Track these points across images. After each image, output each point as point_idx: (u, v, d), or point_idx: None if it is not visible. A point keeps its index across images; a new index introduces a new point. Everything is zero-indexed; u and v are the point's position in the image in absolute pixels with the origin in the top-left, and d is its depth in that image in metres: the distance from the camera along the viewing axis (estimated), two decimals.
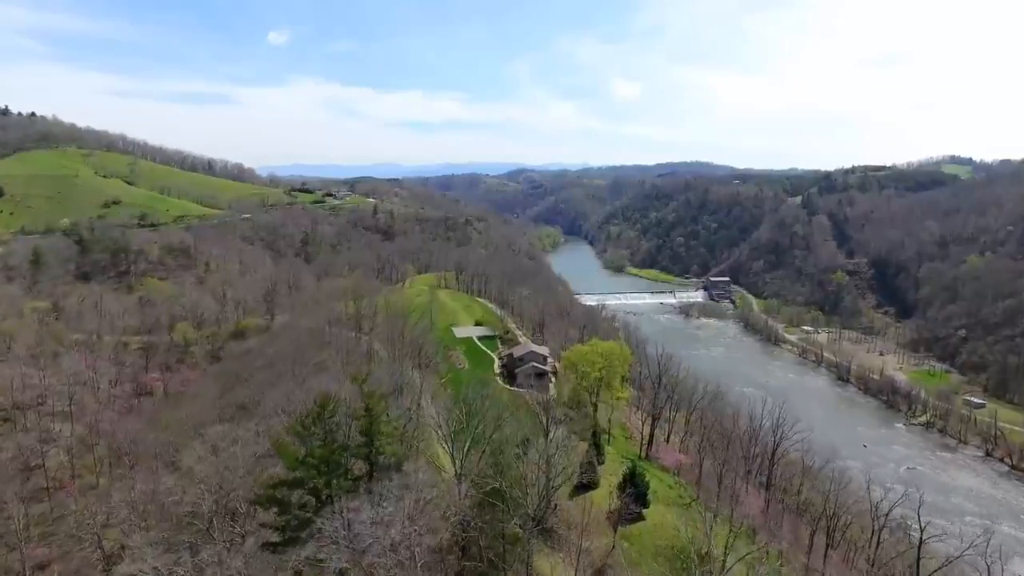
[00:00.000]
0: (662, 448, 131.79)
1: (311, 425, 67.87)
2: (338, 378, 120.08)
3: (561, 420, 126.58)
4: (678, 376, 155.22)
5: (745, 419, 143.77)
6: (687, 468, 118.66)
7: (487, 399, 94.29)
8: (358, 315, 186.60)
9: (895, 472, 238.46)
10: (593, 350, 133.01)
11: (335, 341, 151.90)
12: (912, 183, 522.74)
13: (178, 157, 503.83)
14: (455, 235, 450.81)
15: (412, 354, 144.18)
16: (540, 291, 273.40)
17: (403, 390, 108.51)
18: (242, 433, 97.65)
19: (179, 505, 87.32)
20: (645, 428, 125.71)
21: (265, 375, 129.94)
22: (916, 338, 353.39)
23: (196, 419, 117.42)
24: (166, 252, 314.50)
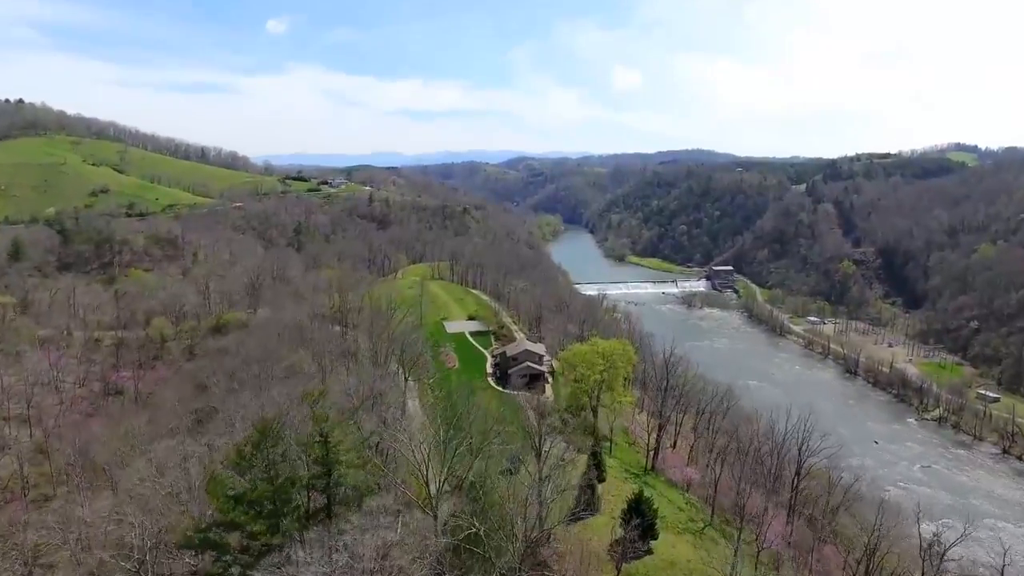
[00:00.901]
0: (669, 457, 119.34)
1: (249, 456, 55.20)
2: (308, 384, 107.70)
3: (558, 428, 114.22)
4: (686, 375, 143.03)
5: (762, 426, 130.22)
6: (697, 482, 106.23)
7: (472, 414, 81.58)
8: (343, 310, 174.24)
9: (908, 471, 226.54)
10: (593, 350, 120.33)
11: (314, 339, 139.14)
12: (919, 170, 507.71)
13: (170, 145, 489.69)
14: (452, 224, 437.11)
15: (398, 352, 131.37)
16: (538, 282, 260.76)
17: (380, 398, 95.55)
18: (197, 448, 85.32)
19: (115, 533, 74.59)
20: (650, 435, 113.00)
21: (235, 377, 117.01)
22: (925, 329, 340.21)
23: (152, 428, 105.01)
24: (152, 242, 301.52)
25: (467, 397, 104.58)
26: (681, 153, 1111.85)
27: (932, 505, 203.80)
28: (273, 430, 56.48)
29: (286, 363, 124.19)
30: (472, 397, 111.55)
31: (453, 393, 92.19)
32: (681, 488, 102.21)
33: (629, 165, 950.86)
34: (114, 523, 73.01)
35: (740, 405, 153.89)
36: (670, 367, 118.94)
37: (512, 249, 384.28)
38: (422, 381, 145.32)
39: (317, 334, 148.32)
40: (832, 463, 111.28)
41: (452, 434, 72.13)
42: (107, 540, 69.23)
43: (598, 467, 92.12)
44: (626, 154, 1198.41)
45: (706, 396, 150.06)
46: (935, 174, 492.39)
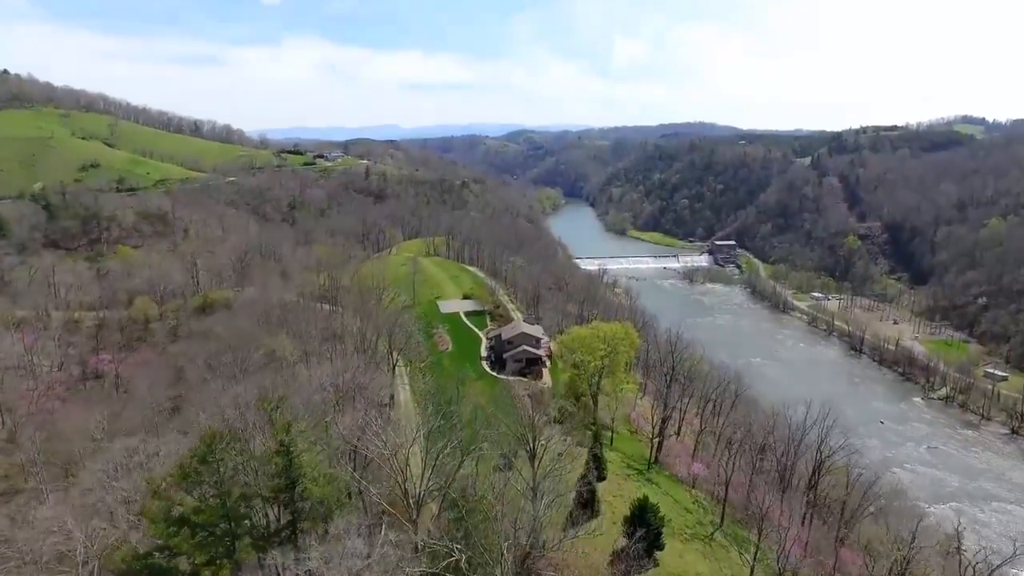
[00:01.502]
0: (674, 446, 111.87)
1: (193, 473, 47.27)
2: (285, 372, 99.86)
3: (556, 418, 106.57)
4: (692, 358, 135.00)
5: (777, 419, 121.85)
6: (704, 477, 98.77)
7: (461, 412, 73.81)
8: (332, 288, 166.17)
9: (915, 452, 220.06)
10: (594, 334, 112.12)
11: (298, 320, 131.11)
12: (927, 143, 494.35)
13: (162, 118, 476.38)
14: (450, 198, 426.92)
15: (387, 336, 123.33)
16: (537, 258, 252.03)
17: (360, 391, 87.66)
18: (162, 447, 77.67)
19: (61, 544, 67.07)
20: (655, 426, 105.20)
21: (211, 364, 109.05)
22: (932, 306, 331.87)
23: (122, 420, 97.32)
24: (142, 218, 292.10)
25: (456, 392, 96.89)
26: (683, 126, 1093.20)
27: (940, 488, 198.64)
28: (224, 440, 48.55)
29: (265, 349, 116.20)
30: (463, 388, 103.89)
31: (442, 390, 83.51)
32: (687, 485, 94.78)
33: (630, 138, 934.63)
34: (61, 534, 65.11)
35: (751, 393, 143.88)
36: (676, 352, 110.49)
37: (511, 224, 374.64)
38: (414, 364, 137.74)
39: (301, 316, 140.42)
40: (852, 460, 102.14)
41: (438, 436, 64.05)
42: (48, 552, 61.49)
43: (598, 465, 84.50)
44: (627, 127, 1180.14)
45: (712, 381, 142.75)
46: (943, 147, 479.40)
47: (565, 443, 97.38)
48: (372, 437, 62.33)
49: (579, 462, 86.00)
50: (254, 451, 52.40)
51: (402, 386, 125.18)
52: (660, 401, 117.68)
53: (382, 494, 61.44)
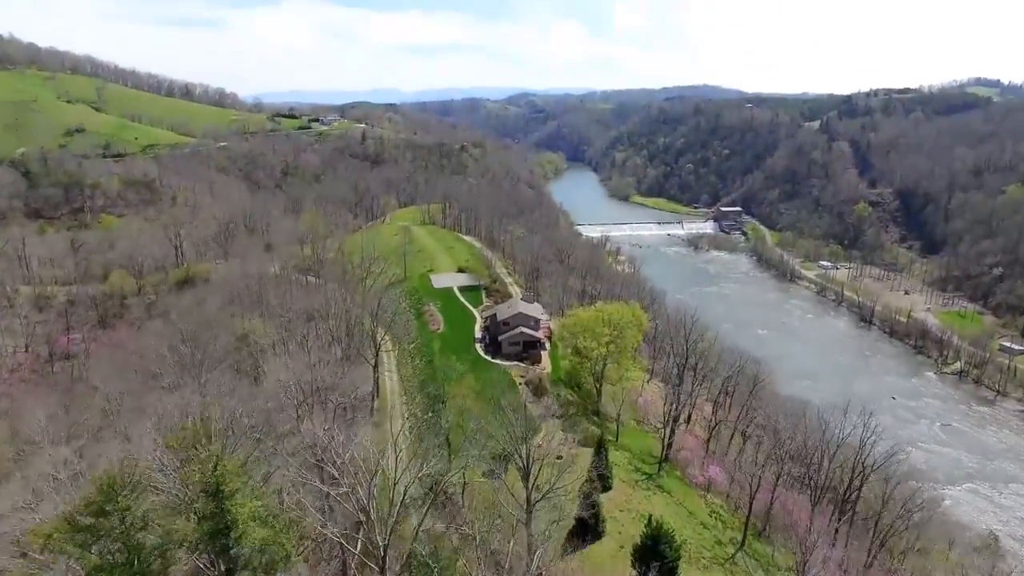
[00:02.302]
0: (685, 440, 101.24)
1: (87, 529, 36.34)
2: (247, 367, 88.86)
3: (556, 413, 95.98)
4: (705, 340, 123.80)
5: (799, 417, 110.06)
6: (722, 481, 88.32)
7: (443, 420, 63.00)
8: (316, 262, 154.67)
9: (929, 430, 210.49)
10: (598, 317, 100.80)
11: (277, 297, 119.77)
12: (941, 106, 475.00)
13: (152, 81, 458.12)
14: (449, 163, 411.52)
15: (372, 316, 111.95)
16: (537, 227, 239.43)
17: (329, 392, 76.60)
18: (103, 456, 66.97)
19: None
20: (665, 425, 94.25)
21: (173, 352, 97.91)
22: (944, 276, 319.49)
23: (71, 418, 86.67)
24: (127, 186, 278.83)
25: (441, 392, 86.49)
26: (687, 89, 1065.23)
27: (957, 469, 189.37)
28: (128, 485, 37.66)
29: (237, 332, 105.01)
30: (448, 387, 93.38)
31: (427, 393, 72.57)
32: (702, 490, 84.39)
33: (634, 101, 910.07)
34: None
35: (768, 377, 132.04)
36: (690, 340, 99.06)
37: (511, 190, 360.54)
38: (402, 346, 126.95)
39: (281, 292, 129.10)
40: (891, 470, 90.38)
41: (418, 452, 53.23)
42: None
43: (601, 475, 73.85)
44: (631, 90, 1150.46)
45: (726, 365, 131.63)
46: (958, 110, 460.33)
47: (565, 442, 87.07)
48: (334, 458, 51.28)
49: (581, 463, 75.56)
50: (175, 490, 41.54)
51: (388, 373, 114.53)
52: (670, 389, 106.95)
53: (349, 528, 50.71)
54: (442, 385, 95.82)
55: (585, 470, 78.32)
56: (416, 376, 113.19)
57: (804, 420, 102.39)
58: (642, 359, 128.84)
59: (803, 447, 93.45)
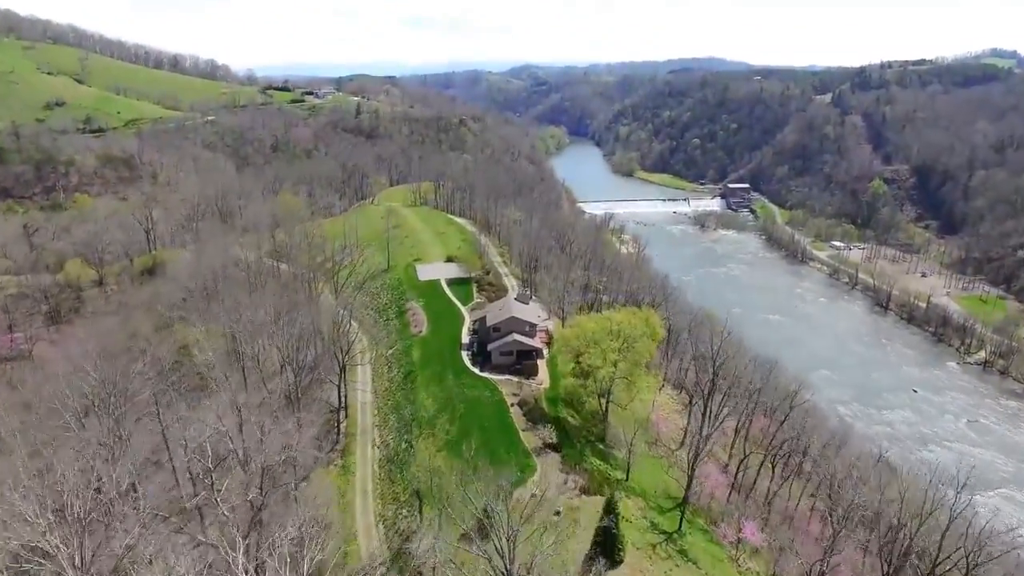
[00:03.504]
0: (708, 474, 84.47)
1: None
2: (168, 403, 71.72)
3: (554, 443, 79.18)
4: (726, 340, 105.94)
5: (860, 462, 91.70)
6: (758, 539, 71.48)
7: None
8: (287, 250, 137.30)
9: (954, 427, 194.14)
10: (605, 327, 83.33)
11: (234, 295, 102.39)
12: (959, 78, 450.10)
13: (139, 52, 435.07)
14: (447, 138, 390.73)
15: (339, 321, 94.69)
16: (537, 208, 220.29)
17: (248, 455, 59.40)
18: None
19: None
20: (686, 437, 77.57)
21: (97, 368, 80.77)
22: (964, 257, 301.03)
23: None
24: (104, 163, 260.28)
25: (407, 447, 69.72)
26: (692, 61, 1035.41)
27: (987, 472, 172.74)
28: None
29: (178, 343, 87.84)
30: (417, 430, 76.65)
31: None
32: (733, 551, 67.68)
33: (638, 74, 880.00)
34: None
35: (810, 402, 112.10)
36: (718, 358, 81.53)
37: (510, 167, 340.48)
38: (379, 350, 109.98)
39: (238, 290, 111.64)
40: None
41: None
42: None
43: (609, 541, 57.15)
44: (635, 62, 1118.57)
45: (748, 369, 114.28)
46: (977, 82, 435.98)
47: (565, 488, 70.42)
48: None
49: (585, 517, 58.91)
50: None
51: (362, 388, 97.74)
52: (691, 411, 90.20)
53: None
54: (410, 427, 79.48)
55: (590, 531, 61.80)
56: (392, 392, 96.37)
57: (863, 463, 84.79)
58: (656, 373, 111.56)
59: (873, 505, 74.74)
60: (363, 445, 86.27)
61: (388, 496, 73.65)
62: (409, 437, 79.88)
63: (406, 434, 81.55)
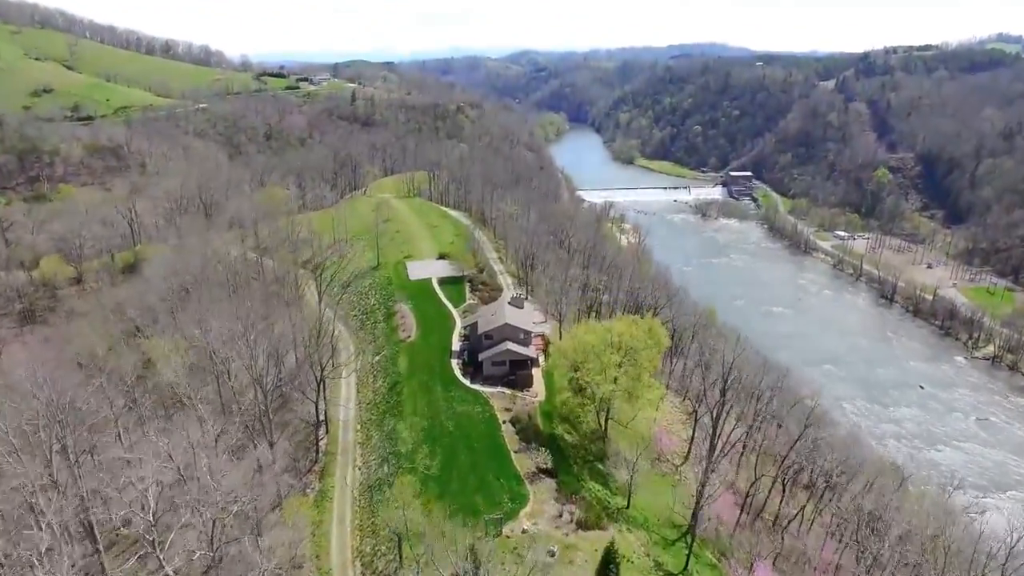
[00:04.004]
0: (719, 500, 77.22)
1: None
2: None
3: (549, 467, 72.24)
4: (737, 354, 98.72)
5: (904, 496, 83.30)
6: None
7: None
8: (272, 244, 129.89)
9: (963, 425, 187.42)
10: (605, 339, 76.02)
11: (209, 299, 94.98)
12: (964, 64, 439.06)
13: (131, 38, 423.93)
14: (444, 125, 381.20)
15: (316, 335, 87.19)
16: (536, 198, 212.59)
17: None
18: None
19: None
20: (698, 493, 70.52)
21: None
22: (971, 248, 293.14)
23: None
24: (91, 152, 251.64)
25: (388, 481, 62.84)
26: (693, 47, 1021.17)
27: (1000, 474, 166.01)
28: None
29: (144, 356, 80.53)
30: (400, 473, 69.50)
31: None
32: None
33: (639, 59, 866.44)
34: None
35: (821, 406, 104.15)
36: (728, 373, 74.23)
37: (509, 155, 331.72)
38: (366, 356, 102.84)
39: (220, 289, 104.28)
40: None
41: None
42: None
43: None
44: (635, 48, 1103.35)
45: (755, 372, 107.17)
46: (984, 67, 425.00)
47: (561, 520, 63.47)
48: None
49: (581, 556, 51.99)
50: None
51: (345, 402, 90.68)
52: (698, 425, 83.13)
53: None
54: (394, 449, 72.54)
55: (588, 573, 54.91)
56: (376, 404, 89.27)
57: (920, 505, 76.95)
58: (661, 386, 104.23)
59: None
60: (343, 466, 79.34)
61: (367, 528, 66.79)
62: (391, 463, 72.81)
63: (389, 456, 74.54)
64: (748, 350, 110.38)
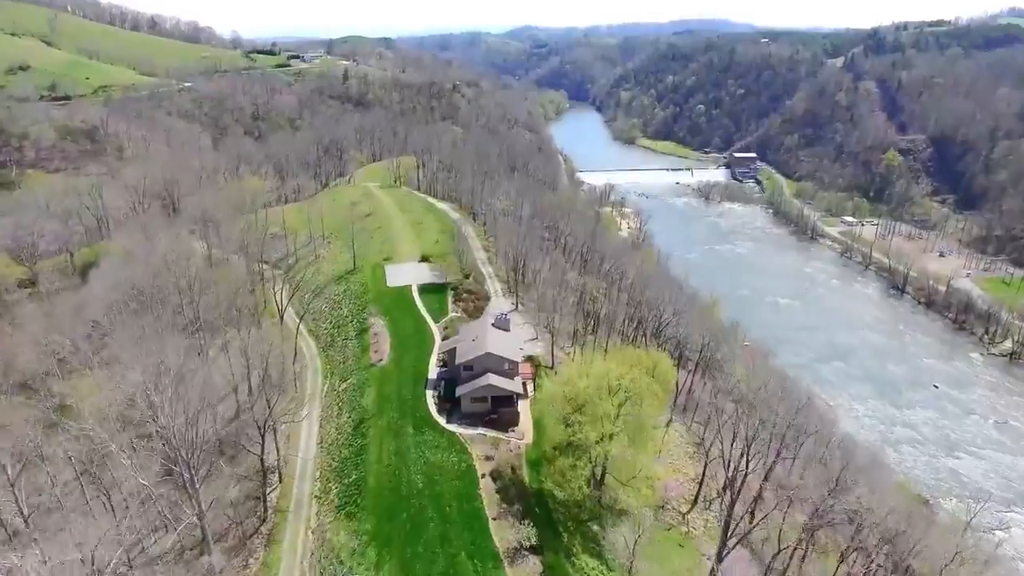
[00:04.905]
0: (739, 566, 64.61)
1: None
2: None
3: (532, 542, 59.13)
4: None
5: None
6: None
7: None
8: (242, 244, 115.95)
9: (982, 429, 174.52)
10: (602, 383, 62.35)
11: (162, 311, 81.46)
12: (980, 40, 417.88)
13: (115, 12, 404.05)
14: (439, 105, 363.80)
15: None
16: (531, 188, 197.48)
17: None
18: None
19: None
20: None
21: None
22: (985, 235, 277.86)
23: None
24: (64, 135, 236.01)
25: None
26: (695, 23, 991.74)
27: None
28: None
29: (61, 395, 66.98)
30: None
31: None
32: None
33: (641, 35, 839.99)
34: None
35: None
36: (752, 445, 60.68)
37: (506, 135, 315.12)
38: (331, 382, 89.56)
39: (166, 306, 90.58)
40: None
41: None
42: None
43: None
44: (637, 24, 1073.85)
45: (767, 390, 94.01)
46: (999, 43, 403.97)
47: None
48: None
49: None
50: None
51: (306, 435, 77.60)
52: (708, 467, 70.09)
53: None
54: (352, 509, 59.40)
55: None
56: (338, 447, 76.12)
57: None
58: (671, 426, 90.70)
59: None
60: (295, 527, 66.50)
61: None
62: (347, 533, 59.83)
63: (343, 517, 61.63)
64: (770, 373, 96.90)
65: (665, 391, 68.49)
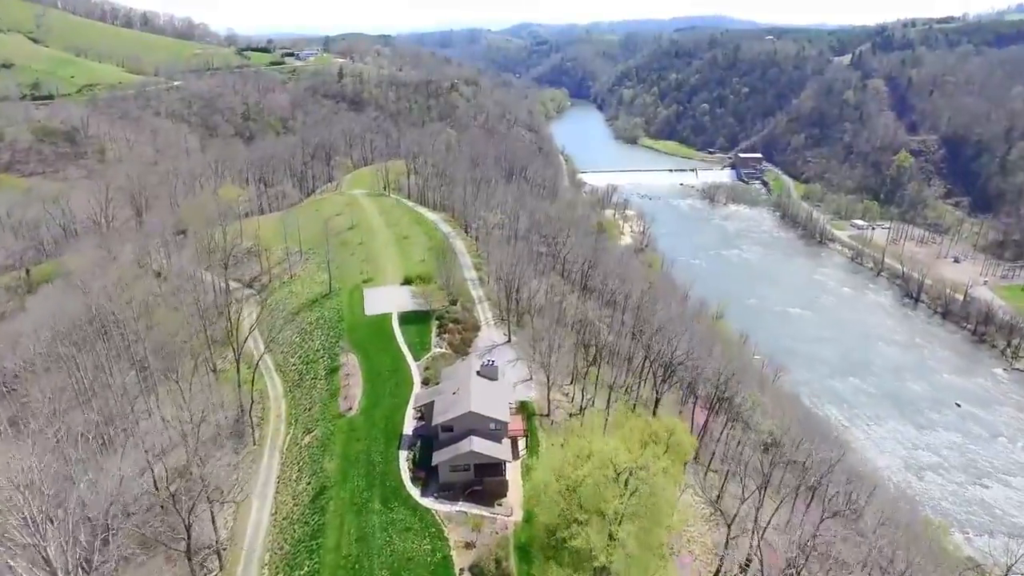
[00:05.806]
0: None
1: None
2: None
3: None
4: None
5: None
6: None
7: None
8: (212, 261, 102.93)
9: (1010, 453, 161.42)
10: (604, 470, 49.06)
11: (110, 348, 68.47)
12: (991, 36, 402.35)
13: (105, 8, 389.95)
14: (436, 104, 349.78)
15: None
16: (530, 194, 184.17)
17: None
18: None
19: None
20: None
21: None
22: (1002, 240, 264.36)
23: None
24: (42, 137, 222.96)
25: None
26: (697, 19, 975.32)
27: None
28: None
29: None
30: None
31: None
32: None
33: (643, 32, 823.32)
34: None
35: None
36: None
37: (505, 136, 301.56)
38: (294, 432, 76.54)
39: (112, 341, 77.70)
40: None
41: None
42: None
43: None
44: (639, 20, 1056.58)
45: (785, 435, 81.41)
46: (1011, 40, 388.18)
47: None
48: None
49: None
50: None
51: (259, 498, 64.66)
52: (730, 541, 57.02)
53: None
54: None
55: None
56: (292, 523, 63.02)
57: None
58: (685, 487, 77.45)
59: None
60: None
61: None
62: None
63: None
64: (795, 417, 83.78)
65: (682, 459, 55.57)
